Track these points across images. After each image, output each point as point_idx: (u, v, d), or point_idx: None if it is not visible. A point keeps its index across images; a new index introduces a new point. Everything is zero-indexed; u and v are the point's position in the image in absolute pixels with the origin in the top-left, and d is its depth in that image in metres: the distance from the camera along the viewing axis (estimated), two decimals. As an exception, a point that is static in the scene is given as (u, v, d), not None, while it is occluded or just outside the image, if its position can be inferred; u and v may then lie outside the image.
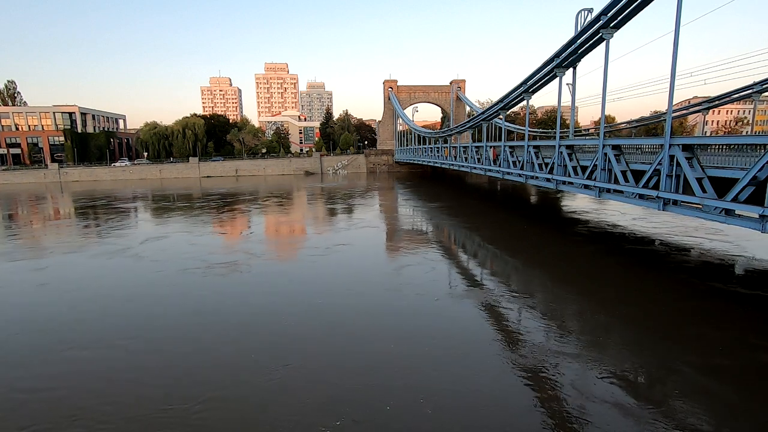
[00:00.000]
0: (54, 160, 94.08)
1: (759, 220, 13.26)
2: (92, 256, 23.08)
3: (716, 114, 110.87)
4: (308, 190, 60.37)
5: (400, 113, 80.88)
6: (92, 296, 16.56)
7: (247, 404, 9.38)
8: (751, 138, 15.07)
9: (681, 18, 14.82)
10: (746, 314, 13.91)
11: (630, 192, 18.66)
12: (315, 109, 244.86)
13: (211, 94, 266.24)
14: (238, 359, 11.31)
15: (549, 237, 27.27)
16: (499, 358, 11.27)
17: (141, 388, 10.04)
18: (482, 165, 37.86)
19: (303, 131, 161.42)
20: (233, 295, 16.45)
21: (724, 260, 19.99)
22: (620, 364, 10.77)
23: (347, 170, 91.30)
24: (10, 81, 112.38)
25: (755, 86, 24.93)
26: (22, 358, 11.80)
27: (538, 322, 13.66)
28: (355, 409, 9.10)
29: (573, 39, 20.91)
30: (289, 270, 20.75)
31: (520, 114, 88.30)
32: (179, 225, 33.23)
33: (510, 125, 47.69)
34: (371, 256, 23.24)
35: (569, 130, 27.13)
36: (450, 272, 20.14)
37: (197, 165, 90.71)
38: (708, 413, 8.82)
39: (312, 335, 12.75)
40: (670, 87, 15.83)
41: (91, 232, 32.15)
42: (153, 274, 19.63)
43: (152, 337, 12.89)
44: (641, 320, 13.52)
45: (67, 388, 10.23)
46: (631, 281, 17.76)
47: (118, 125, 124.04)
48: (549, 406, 9.15)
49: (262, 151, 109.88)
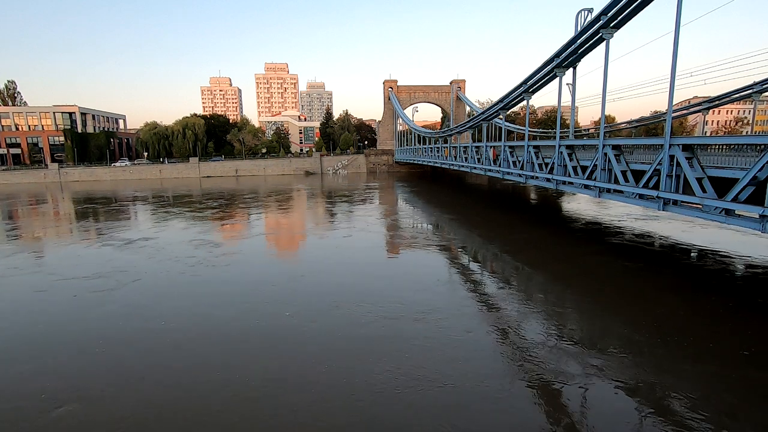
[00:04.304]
0: (54, 160, 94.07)
1: (759, 220, 13.28)
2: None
3: (716, 114, 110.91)
4: (308, 190, 60.32)
5: (400, 113, 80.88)
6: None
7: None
8: (751, 138, 15.08)
9: (681, 18, 14.85)
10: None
11: (630, 192, 18.68)
12: (315, 109, 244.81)
13: (211, 94, 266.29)
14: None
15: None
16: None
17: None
18: (482, 165, 37.86)
19: (303, 131, 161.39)
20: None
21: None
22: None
23: (347, 170, 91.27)
24: (10, 81, 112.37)
25: (755, 86, 24.92)
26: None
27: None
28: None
29: (573, 39, 20.94)
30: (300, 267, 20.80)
31: (520, 114, 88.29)
32: (180, 222, 33.25)
33: (510, 125, 47.74)
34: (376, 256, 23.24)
35: (569, 130, 27.12)
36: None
37: (197, 165, 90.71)
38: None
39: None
40: (670, 87, 15.84)
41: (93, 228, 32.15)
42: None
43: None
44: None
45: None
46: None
47: (118, 125, 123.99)
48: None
49: (262, 151, 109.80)
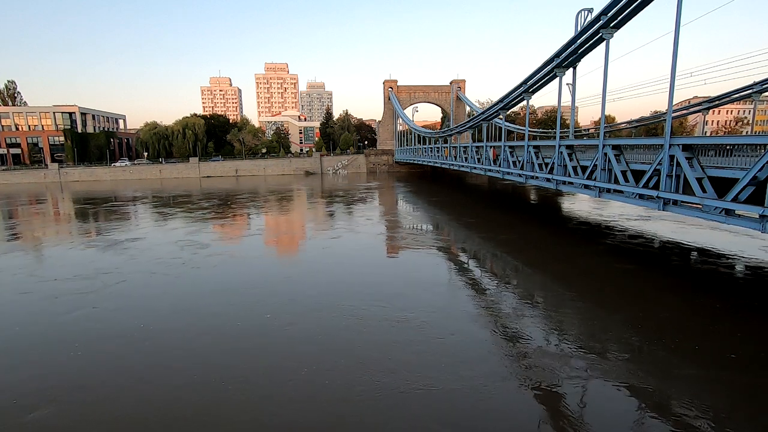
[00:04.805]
0: (54, 160, 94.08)
1: (759, 220, 13.27)
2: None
3: (716, 114, 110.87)
4: (308, 190, 60.32)
5: (400, 113, 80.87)
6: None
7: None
8: (751, 138, 15.07)
9: (681, 18, 14.84)
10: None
11: (630, 192, 18.66)
12: (315, 109, 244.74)
13: (211, 94, 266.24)
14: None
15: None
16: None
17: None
18: (482, 165, 37.85)
19: (303, 131, 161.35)
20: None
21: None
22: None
23: (347, 170, 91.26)
24: (10, 81, 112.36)
25: (755, 86, 24.88)
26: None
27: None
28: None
29: (573, 39, 20.92)
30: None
31: (520, 114, 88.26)
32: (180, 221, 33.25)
33: (510, 125, 47.70)
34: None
35: (569, 130, 27.11)
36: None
37: (197, 165, 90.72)
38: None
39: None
40: (670, 87, 15.83)
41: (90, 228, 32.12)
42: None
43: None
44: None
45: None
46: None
47: (118, 125, 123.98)
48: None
49: (262, 151, 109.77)
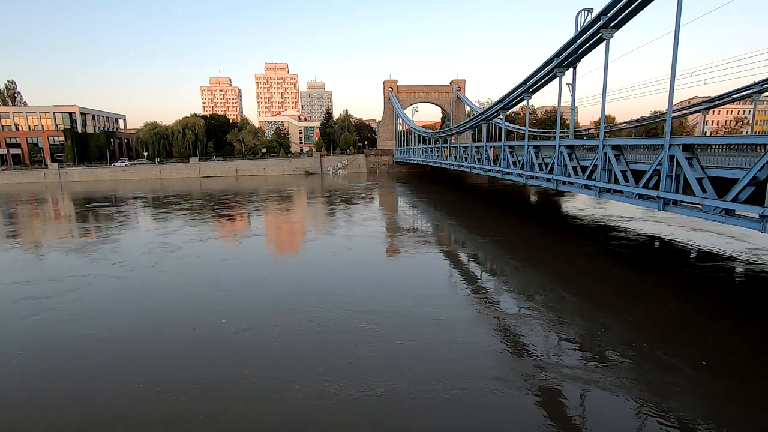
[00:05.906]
0: (54, 160, 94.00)
1: (759, 220, 13.27)
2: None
3: (716, 114, 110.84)
4: (308, 190, 60.31)
5: (400, 113, 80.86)
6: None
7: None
8: (751, 138, 15.07)
9: (681, 18, 14.83)
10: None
11: (630, 192, 18.66)
12: (315, 109, 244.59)
13: (211, 94, 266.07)
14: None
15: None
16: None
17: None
18: (482, 165, 37.84)
19: (303, 131, 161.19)
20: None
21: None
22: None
23: (347, 170, 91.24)
24: (10, 81, 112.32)
25: (755, 86, 24.91)
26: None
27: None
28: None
29: (573, 39, 20.91)
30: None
31: (520, 114, 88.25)
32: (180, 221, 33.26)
33: (510, 125, 47.73)
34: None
35: (569, 130, 27.11)
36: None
37: (197, 165, 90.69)
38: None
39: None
40: (670, 87, 15.83)
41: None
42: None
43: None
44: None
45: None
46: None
47: (118, 125, 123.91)
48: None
49: (262, 151, 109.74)
